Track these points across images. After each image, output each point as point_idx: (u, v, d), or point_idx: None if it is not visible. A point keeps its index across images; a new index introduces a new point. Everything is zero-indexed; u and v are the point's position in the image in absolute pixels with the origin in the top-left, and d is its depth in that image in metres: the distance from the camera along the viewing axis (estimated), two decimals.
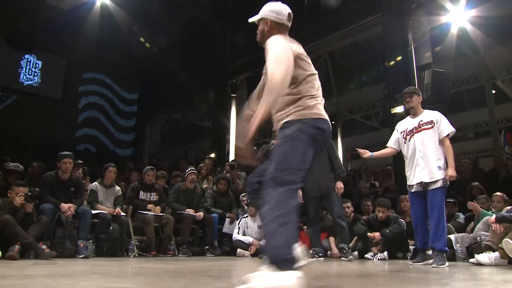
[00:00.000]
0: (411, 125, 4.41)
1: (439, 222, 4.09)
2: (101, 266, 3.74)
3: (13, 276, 2.67)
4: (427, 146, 4.23)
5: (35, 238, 4.47)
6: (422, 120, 4.34)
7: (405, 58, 8.01)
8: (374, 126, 14.65)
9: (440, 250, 4.10)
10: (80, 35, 12.13)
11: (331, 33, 9.87)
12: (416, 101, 4.44)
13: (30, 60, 13.30)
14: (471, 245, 5.06)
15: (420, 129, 4.31)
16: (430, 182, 4.15)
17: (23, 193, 4.65)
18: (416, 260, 4.45)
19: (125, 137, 16.09)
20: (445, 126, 4.25)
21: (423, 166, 4.20)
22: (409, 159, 4.38)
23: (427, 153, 4.21)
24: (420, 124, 4.33)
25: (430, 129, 4.27)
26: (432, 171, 4.15)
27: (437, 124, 4.26)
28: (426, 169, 4.17)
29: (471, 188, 6.28)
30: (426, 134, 4.27)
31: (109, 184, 5.85)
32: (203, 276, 2.67)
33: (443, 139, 4.23)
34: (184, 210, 6.17)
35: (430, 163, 4.17)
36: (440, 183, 4.11)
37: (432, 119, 4.30)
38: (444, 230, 4.17)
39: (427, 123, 4.30)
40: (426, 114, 4.41)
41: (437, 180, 4.11)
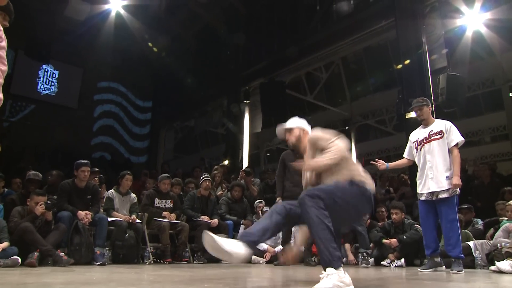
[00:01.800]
0: (422, 135, 4.49)
1: (452, 231, 4.16)
2: (118, 273, 3.75)
3: (33, 283, 2.69)
4: (436, 156, 4.32)
5: (53, 245, 4.53)
6: (432, 130, 4.42)
7: (419, 62, 7.93)
8: (388, 131, 14.51)
9: (456, 257, 4.15)
10: (95, 45, 12.34)
11: (344, 39, 9.80)
12: (427, 112, 4.53)
13: (47, 70, 13.56)
14: (491, 252, 4.98)
15: (430, 139, 4.40)
16: (439, 191, 4.23)
17: (43, 202, 4.73)
18: (425, 267, 4.45)
19: (140, 144, 16.24)
20: (455, 135, 4.31)
21: (432, 176, 4.29)
22: (420, 169, 4.47)
23: (436, 163, 4.30)
24: (430, 135, 4.42)
25: (440, 139, 4.35)
26: (440, 181, 4.24)
27: (447, 134, 4.34)
28: (435, 179, 4.27)
29: (503, 192, 6.17)
30: (435, 144, 4.36)
31: (125, 192, 5.91)
32: (219, 284, 2.65)
33: (451, 148, 4.30)
34: (199, 217, 6.19)
35: (439, 173, 4.26)
36: (450, 192, 4.19)
37: (442, 129, 4.37)
38: (459, 237, 4.22)
39: (437, 133, 4.38)
40: (436, 124, 4.48)
41: (446, 189, 4.19)
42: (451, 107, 7.90)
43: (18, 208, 4.85)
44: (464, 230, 5.46)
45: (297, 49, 10.56)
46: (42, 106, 13.35)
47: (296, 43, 10.80)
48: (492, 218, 5.79)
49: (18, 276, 3.23)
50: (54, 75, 13.74)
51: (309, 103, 15.02)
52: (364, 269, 4.97)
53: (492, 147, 13.69)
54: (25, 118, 13.09)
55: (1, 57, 1.27)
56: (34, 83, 13.27)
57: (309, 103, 15.02)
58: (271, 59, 11.59)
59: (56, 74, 13.79)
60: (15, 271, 3.75)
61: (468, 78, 9.16)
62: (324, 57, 10.98)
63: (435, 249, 4.38)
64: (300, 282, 3.08)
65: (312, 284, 2.74)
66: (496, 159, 12.29)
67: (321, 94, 14.57)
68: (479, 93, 12.71)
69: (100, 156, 14.51)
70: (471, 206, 6.13)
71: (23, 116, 13.11)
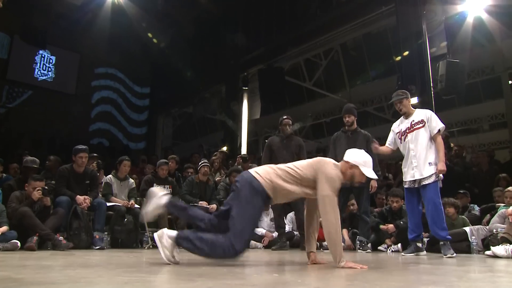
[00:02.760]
0: (404, 126, 4.62)
1: (436, 214, 4.29)
2: (117, 257, 3.77)
3: (32, 265, 2.71)
4: (419, 144, 4.45)
5: (52, 229, 4.54)
6: (414, 120, 4.55)
7: (419, 49, 7.92)
8: (386, 119, 14.50)
9: (444, 239, 4.28)
10: (92, 30, 12.23)
11: (343, 25, 9.77)
12: (407, 104, 4.66)
13: (44, 56, 13.48)
14: (486, 238, 5.03)
15: (412, 129, 4.53)
16: (422, 178, 4.36)
17: (40, 187, 4.74)
18: (408, 251, 4.58)
19: (138, 131, 16.25)
20: (436, 123, 4.44)
21: (416, 164, 4.42)
22: (405, 158, 4.61)
23: (419, 151, 4.43)
24: (412, 124, 4.55)
25: (421, 128, 4.47)
26: (423, 168, 4.36)
27: (428, 122, 4.47)
28: (418, 167, 4.40)
29: (498, 179, 6.27)
30: (417, 133, 4.48)
31: (123, 177, 5.92)
32: (218, 266, 2.69)
33: (434, 136, 4.43)
34: (197, 202, 6.20)
35: (422, 160, 4.39)
36: (433, 178, 4.31)
37: (423, 118, 4.50)
38: (444, 220, 4.35)
39: (418, 122, 4.51)
40: (417, 113, 4.60)
41: (429, 175, 4.32)
42: (450, 94, 7.91)
43: (16, 193, 4.85)
44: (461, 216, 5.54)
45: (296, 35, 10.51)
46: (39, 92, 13.30)
47: (295, 29, 10.73)
48: (489, 204, 5.84)
49: (18, 260, 3.24)
50: (51, 60, 13.66)
51: (308, 90, 15.00)
52: (361, 253, 5.04)
53: (491, 135, 13.72)
54: (23, 104, 13.03)
55: None
56: (31, 68, 13.21)
57: (308, 90, 15.00)
58: (270, 45, 11.54)
59: (53, 60, 13.71)
60: (15, 255, 3.76)
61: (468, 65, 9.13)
62: (323, 44, 10.94)
63: (418, 234, 4.54)
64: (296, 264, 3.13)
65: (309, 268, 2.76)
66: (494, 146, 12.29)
67: (320, 81, 14.53)
68: (478, 80, 12.67)
69: (98, 142, 14.51)
70: (467, 191, 6.22)
71: (21, 102, 13.06)
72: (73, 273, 2.25)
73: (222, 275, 2.24)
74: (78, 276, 2.09)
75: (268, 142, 5.83)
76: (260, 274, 2.55)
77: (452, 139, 9.86)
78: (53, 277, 2.07)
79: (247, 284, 1.98)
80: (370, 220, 5.64)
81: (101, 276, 2.15)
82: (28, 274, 2.16)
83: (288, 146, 5.59)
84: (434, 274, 2.49)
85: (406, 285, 1.98)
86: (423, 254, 4.58)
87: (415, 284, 2.03)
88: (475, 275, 2.78)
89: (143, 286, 1.75)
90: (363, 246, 5.28)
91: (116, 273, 2.31)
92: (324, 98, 15.01)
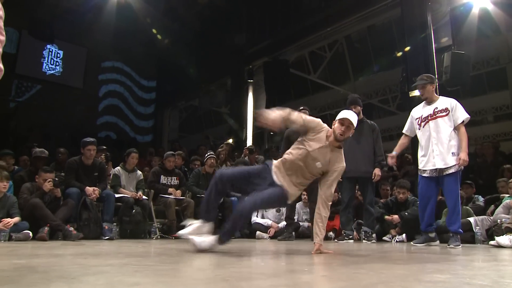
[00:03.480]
0: (426, 112, 4.47)
1: (455, 207, 4.23)
2: (126, 247, 3.82)
3: (45, 254, 2.78)
4: (442, 133, 4.31)
5: (62, 220, 4.67)
6: (437, 108, 4.40)
7: (424, 40, 7.87)
8: (391, 111, 14.50)
9: (455, 232, 4.25)
10: (98, 24, 12.26)
11: (348, 17, 9.72)
12: (430, 90, 4.49)
13: (52, 50, 13.57)
14: (491, 228, 5.09)
15: (435, 116, 4.38)
16: (444, 168, 4.25)
17: (51, 179, 4.86)
18: (418, 241, 4.56)
19: (145, 124, 16.35)
20: (460, 113, 4.30)
21: (438, 152, 4.29)
22: (424, 146, 4.46)
23: (442, 140, 4.30)
24: (435, 112, 4.39)
25: (445, 117, 4.34)
26: (446, 157, 4.24)
27: (452, 112, 4.33)
28: (441, 156, 4.27)
29: (503, 170, 6.29)
30: (441, 121, 4.34)
31: (131, 169, 6.02)
32: (225, 255, 2.73)
33: (458, 126, 4.30)
34: (204, 193, 6.28)
35: (445, 149, 4.26)
36: (455, 169, 4.21)
37: (447, 107, 4.35)
38: (459, 213, 4.29)
39: (442, 111, 4.36)
40: (441, 101, 4.45)
41: (451, 166, 4.21)
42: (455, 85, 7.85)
43: (27, 184, 4.98)
44: (465, 207, 5.58)
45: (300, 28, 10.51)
46: (48, 86, 13.41)
47: (300, 21, 10.72)
48: (493, 195, 5.88)
49: (30, 249, 3.32)
50: (58, 55, 13.76)
51: (312, 82, 14.97)
52: (366, 243, 5.09)
53: (495, 126, 13.63)
54: (32, 98, 13.17)
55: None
56: (39, 63, 13.32)
57: (312, 82, 14.97)
58: (275, 38, 11.54)
59: (61, 54, 13.81)
60: (27, 245, 3.86)
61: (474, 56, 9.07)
62: (327, 36, 10.90)
63: (431, 224, 4.49)
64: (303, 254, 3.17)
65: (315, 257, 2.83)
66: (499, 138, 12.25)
67: (325, 73, 14.49)
68: (483, 72, 12.59)
69: (106, 135, 14.63)
70: (472, 182, 6.23)
71: (30, 96, 13.19)
72: (84, 261, 2.30)
73: (230, 264, 2.27)
74: (88, 264, 2.14)
75: (286, 133, 5.86)
76: (268, 263, 2.58)
77: None
78: (64, 265, 2.12)
79: (254, 272, 2.03)
80: (375, 211, 5.67)
81: (111, 264, 2.19)
82: (41, 262, 2.21)
83: None
84: (438, 263, 2.51)
85: (411, 274, 2.00)
86: (435, 244, 4.53)
87: (419, 272, 2.05)
88: (479, 264, 2.81)
89: (153, 273, 1.78)
90: (368, 237, 5.34)
91: (125, 261, 2.36)
92: (328, 90, 14.98)
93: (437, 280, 1.74)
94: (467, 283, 1.66)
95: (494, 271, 2.28)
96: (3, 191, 4.59)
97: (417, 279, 1.83)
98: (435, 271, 2.10)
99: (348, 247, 4.34)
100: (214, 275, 1.78)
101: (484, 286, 1.58)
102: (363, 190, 5.49)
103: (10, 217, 4.47)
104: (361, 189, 5.57)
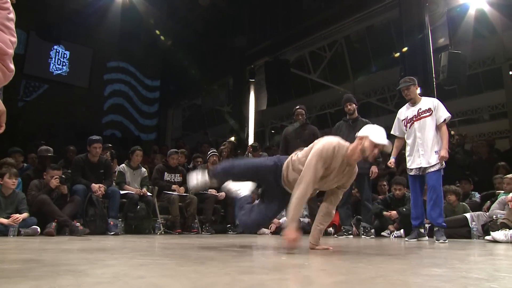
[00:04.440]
0: (411, 114, 4.63)
1: (437, 201, 4.36)
2: (131, 242, 3.86)
3: (52, 249, 2.82)
4: (426, 132, 4.47)
5: (69, 216, 4.77)
6: (420, 108, 4.55)
7: (421, 41, 7.97)
8: (389, 109, 14.61)
9: (440, 226, 4.37)
10: (104, 25, 12.45)
11: (347, 18, 9.84)
12: (414, 91, 4.65)
13: (58, 51, 13.79)
14: (486, 223, 5.17)
15: (419, 117, 4.54)
16: (428, 166, 4.42)
17: (58, 176, 4.97)
18: (411, 237, 4.69)
19: (149, 122, 16.51)
20: (442, 112, 4.47)
21: (423, 152, 4.46)
22: (410, 145, 4.63)
23: (426, 140, 4.46)
24: (419, 112, 4.55)
25: (429, 117, 4.49)
26: (429, 156, 4.41)
27: (435, 111, 4.48)
28: (425, 155, 4.44)
29: (497, 167, 6.36)
30: (425, 122, 4.49)
31: (135, 166, 6.12)
32: (228, 250, 2.79)
33: (440, 125, 4.46)
34: (206, 190, 6.38)
35: (429, 148, 4.43)
36: (437, 166, 4.38)
37: (430, 107, 4.51)
38: (441, 207, 4.43)
39: (426, 111, 4.52)
40: (424, 101, 4.61)
41: (434, 164, 4.38)
42: (452, 84, 7.97)
43: (35, 181, 5.08)
44: (462, 203, 5.69)
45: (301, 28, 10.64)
46: (55, 86, 13.62)
47: (300, 22, 10.85)
48: (489, 191, 5.97)
49: (38, 244, 3.36)
50: (65, 55, 13.97)
51: (312, 82, 15.09)
52: (365, 239, 5.19)
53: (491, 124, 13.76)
54: (39, 97, 13.38)
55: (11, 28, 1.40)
56: (47, 63, 13.55)
57: (312, 82, 15.09)
58: (276, 38, 11.67)
59: (67, 55, 14.02)
60: (35, 240, 3.92)
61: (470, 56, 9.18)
62: (327, 36, 11.03)
63: (422, 220, 4.65)
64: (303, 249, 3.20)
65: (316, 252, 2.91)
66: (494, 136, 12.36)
67: (325, 73, 14.60)
68: (479, 71, 12.68)
69: (111, 133, 14.79)
70: (470, 179, 6.36)
71: (37, 96, 13.41)
72: (90, 256, 2.33)
73: (232, 258, 2.30)
74: (95, 258, 2.17)
75: (283, 132, 5.96)
76: (268, 257, 2.61)
77: (453, 129, 9.94)
78: (71, 259, 2.16)
79: (255, 266, 2.07)
80: (372, 207, 5.76)
81: (116, 258, 2.24)
82: (49, 256, 2.25)
83: (302, 135, 5.71)
84: (435, 257, 2.53)
85: (409, 268, 2.02)
86: (425, 239, 4.66)
87: (417, 266, 2.06)
88: (475, 258, 2.86)
89: (157, 267, 1.80)
90: (367, 232, 5.45)
91: (130, 256, 2.41)
92: (328, 89, 15.10)
93: (434, 274, 1.76)
94: (463, 276, 1.69)
95: (490, 265, 2.31)
96: (12, 188, 4.69)
97: (415, 272, 1.86)
98: (432, 265, 2.12)
99: (347, 242, 4.40)
100: (217, 269, 1.80)
101: (480, 280, 1.60)
102: (360, 187, 5.59)
103: (19, 213, 4.56)
104: (358, 185, 5.65)
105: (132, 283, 1.39)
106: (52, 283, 1.33)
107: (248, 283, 1.43)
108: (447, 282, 1.53)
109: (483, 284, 1.50)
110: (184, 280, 1.47)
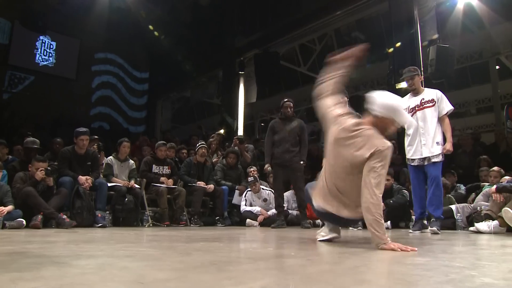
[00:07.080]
0: (413, 103, 4.60)
1: (437, 192, 4.38)
2: (118, 234, 3.86)
3: (38, 241, 2.81)
4: (428, 123, 4.46)
5: (56, 209, 4.69)
6: (423, 99, 4.54)
7: (410, 34, 8.04)
8: None
9: (438, 217, 4.40)
10: (91, 15, 12.26)
11: (337, 10, 9.84)
12: (418, 81, 4.65)
13: (44, 41, 13.59)
14: (471, 215, 5.26)
15: (422, 107, 4.53)
16: (430, 156, 4.42)
17: (43, 168, 4.89)
18: (415, 229, 4.66)
19: (137, 114, 16.44)
20: (446, 104, 4.47)
21: (425, 142, 4.45)
22: (411, 135, 4.61)
23: (428, 130, 4.46)
24: (422, 102, 4.54)
25: (432, 107, 4.48)
26: (432, 147, 4.41)
27: (438, 103, 4.48)
28: (427, 145, 4.43)
29: (479, 161, 6.45)
30: (427, 112, 4.49)
31: (123, 158, 6.07)
32: (215, 242, 2.81)
33: (443, 117, 4.47)
34: (195, 182, 6.39)
35: (431, 139, 4.43)
36: (440, 157, 4.39)
37: (433, 98, 4.50)
38: (442, 199, 4.47)
39: (429, 101, 4.51)
40: (427, 92, 4.60)
41: (436, 154, 4.38)
42: (440, 78, 8.04)
43: (20, 174, 4.98)
44: (448, 195, 5.76)
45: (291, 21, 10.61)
46: (41, 77, 13.44)
47: (290, 14, 10.82)
48: (473, 183, 6.07)
49: (24, 237, 3.33)
50: (51, 46, 13.77)
51: (302, 74, 15.11)
52: (352, 230, 5.21)
53: (478, 118, 13.98)
54: (25, 89, 13.21)
55: None
56: (32, 54, 13.34)
57: (302, 74, 15.11)
58: (266, 31, 11.63)
59: (54, 45, 13.83)
60: (21, 232, 3.85)
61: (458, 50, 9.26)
62: (317, 29, 11.03)
63: (424, 211, 4.63)
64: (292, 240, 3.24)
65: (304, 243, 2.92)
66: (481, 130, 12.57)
67: (315, 66, 14.61)
68: (467, 65, 12.85)
69: (99, 126, 14.69)
70: (454, 171, 6.41)
71: (23, 88, 13.23)
72: (76, 247, 2.35)
73: (219, 249, 2.33)
74: (81, 250, 2.19)
75: (270, 125, 5.94)
76: (256, 248, 2.64)
77: None
78: (57, 251, 2.15)
79: (242, 257, 2.10)
80: None
81: (102, 250, 2.25)
82: (34, 248, 2.24)
83: (290, 128, 5.73)
84: (420, 247, 2.58)
85: (393, 257, 2.05)
86: (428, 231, 4.61)
87: (401, 256, 2.09)
88: (459, 248, 2.95)
89: (144, 258, 1.81)
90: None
91: (117, 247, 2.42)
92: None
93: (417, 263, 1.80)
94: (446, 265, 1.74)
95: (472, 254, 2.38)
96: None
97: (399, 261, 1.89)
98: (416, 254, 2.18)
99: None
100: (203, 259, 1.81)
101: (461, 268, 1.65)
102: None
103: (4, 205, 4.47)
104: None
105: (116, 273, 1.40)
106: (35, 274, 1.33)
107: (233, 273, 1.44)
108: (430, 271, 1.56)
109: (464, 272, 1.54)
110: (169, 271, 1.48)
